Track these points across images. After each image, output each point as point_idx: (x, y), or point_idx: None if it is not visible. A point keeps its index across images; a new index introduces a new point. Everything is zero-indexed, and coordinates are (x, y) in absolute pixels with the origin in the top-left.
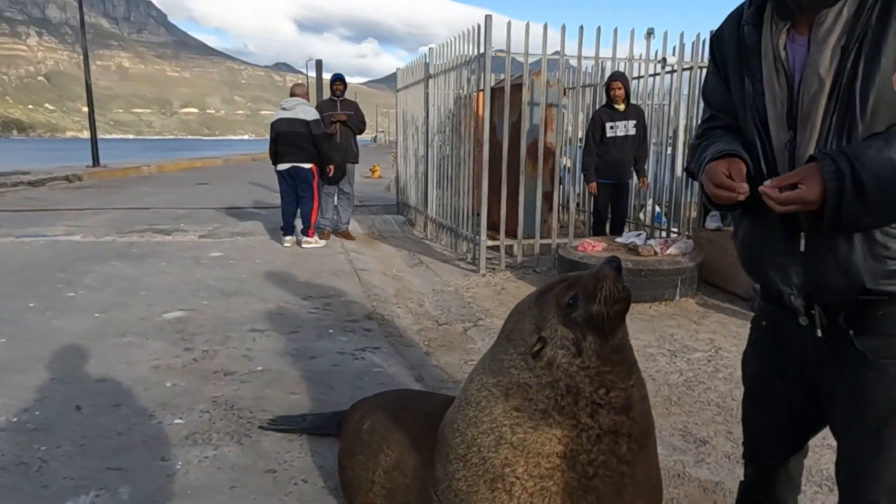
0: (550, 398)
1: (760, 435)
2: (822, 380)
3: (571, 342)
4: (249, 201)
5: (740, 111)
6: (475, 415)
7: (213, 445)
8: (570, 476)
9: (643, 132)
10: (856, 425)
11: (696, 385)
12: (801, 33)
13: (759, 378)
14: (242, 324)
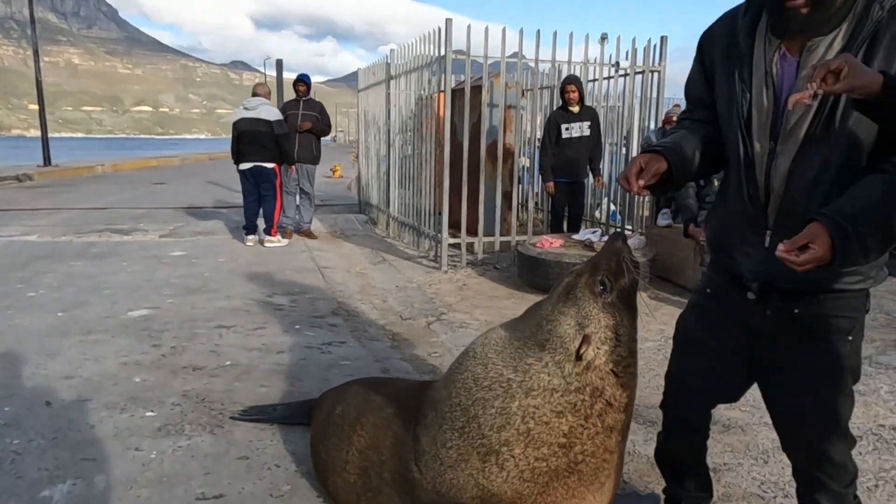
0: (571, 402)
1: (689, 396)
2: (763, 348)
3: (612, 330)
4: (210, 201)
5: (724, 112)
6: (485, 397)
7: (187, 436)
8: (562, 461)
9: (597, 133)
10: (800, 389)
11: (646, 372)
12: (792, 54)
13: (695, 336)
14: (208, 320)
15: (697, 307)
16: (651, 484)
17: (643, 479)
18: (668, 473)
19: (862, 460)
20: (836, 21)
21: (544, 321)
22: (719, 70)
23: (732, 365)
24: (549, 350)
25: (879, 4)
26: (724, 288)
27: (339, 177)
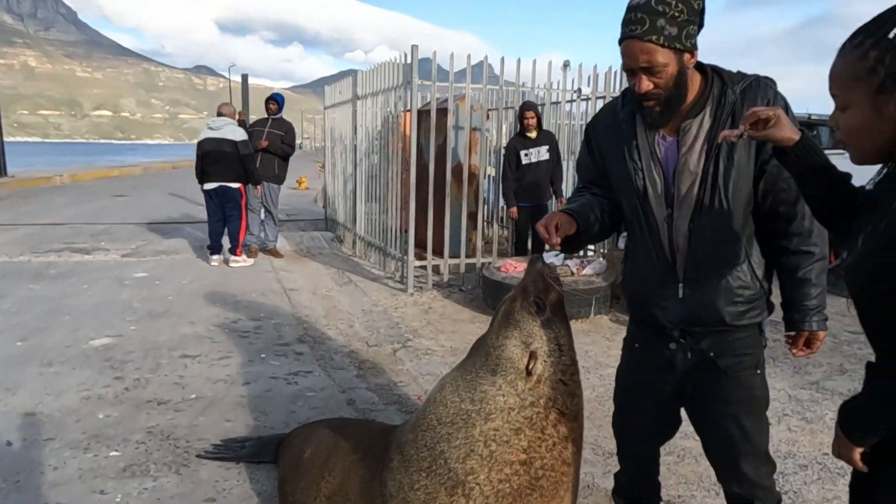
0: (527, 417)
1: (635, 438)
2: (688, 388)
3: (554, 341)
4: (173, 215)
5: (621, 189)
6: (449, 433)
7: (152, 477)
8: (524, 479)
9: (556, 155)
10: (722, 419)
11: (606, 400)
12: (670, 135)
13: (633, 387)
14: (173, 349)
15: (630, 362)
16: None
17: None
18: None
19: (807, 490)
20: (699, 107)
21: (492, 349)
22: (610, 154)
23: (668, 407)
24: (501, 373)
25: (731, 90)
26: (648, 341)
27: (304, 188)
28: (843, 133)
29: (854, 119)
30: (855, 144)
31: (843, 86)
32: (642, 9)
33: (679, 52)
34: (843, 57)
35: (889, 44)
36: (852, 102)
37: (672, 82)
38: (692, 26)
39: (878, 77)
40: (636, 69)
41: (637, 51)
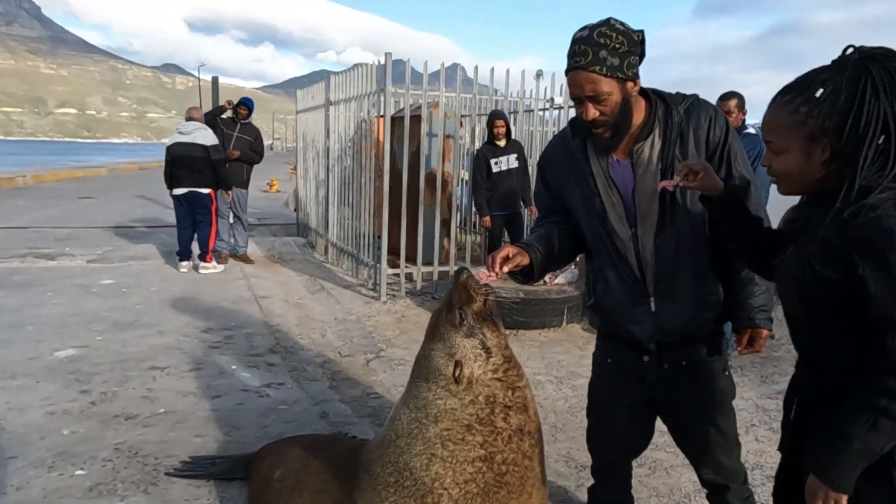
0: (473, 414)
1: (610, 449)
2: (662, 396)
3: (479, 347)
4: (140, 219)
5: (581, 215)
6: (407, 443)
7: (119, 496)
8: (489, 476)
9: (524, 163)
10: (697, 421)
11: (579, 411)
12: (622, 159)
13: (607, 401)
14: (141, 361)
15: (603, 376)
16: None
17: None
18: None
19: None
20: (648, 130)
21: (423, 359)
22: (566, 184)
23: (642, 419)
24: (433, 381)
25: (676, 110)
26: (621, 356)
27: (275, 191)
28: (776, 171)
29: (788, 162)
30: (786, 181)
31: (778, 135)
32: (586, 41)
33: (622, 81)
34: (778, 110)
35: (816, 101)
36: (787, 148)
37: (617, 109)
38: (633, 56)
39: (809, 128)
40: (583, 98)
41: (582, 80)
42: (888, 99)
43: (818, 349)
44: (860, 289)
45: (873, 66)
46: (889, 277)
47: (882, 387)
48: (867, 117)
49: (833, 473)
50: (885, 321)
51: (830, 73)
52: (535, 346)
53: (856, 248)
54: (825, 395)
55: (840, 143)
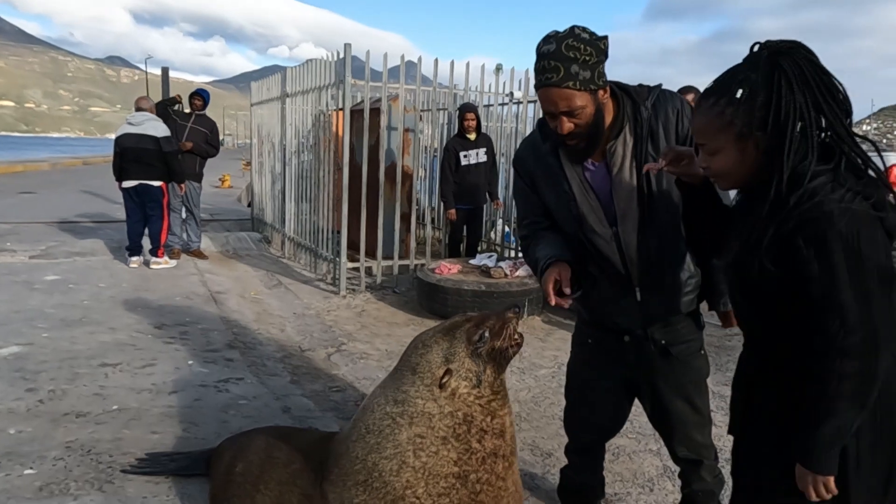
0: (450, 427)
1: (588, 427)
2: (640, 375)
3: (474, 374)
4: (86, 214)
5: (559, 216)
6: (378, 442)
7: (72, 495)
8: (463, 493)
9: (492, 158)
10: (675, 400)
11: (542, 400)
12: (597, 160)
13: (586, 380)
14: (91, 358)
15: (583, 356)
16: None
17: None
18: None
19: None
20: (618, 128)
21: (421, 344)
22: (541, 187)
23: (619, 396)
24: (419, 374)
25: (643, 105)
26: (602, 337)
27: (227, 187)
28: (714, 171)
29: (724, 161)
30: (725, 178)
31: (710, 137)
32: (554, 57)
33: (594, 92)
34: (705, 114)
35: (738, 102)
36: (720, 148)
37: (591, 120)
38: (602, 65)
39: (736, 128)
40: (557, 113)
41: (556, 97)
42: (801, 90)
43: (761, 330)
44: (803, 271)
45: (783, 61)
46: (830, 260)
47: (828, 370)
48: (785, 110)
49: (814, 460)
50: (827, 301)
51: (746, 72)
52: None
53: (799, 232)
54: (767, 372)
55: (766, 136)
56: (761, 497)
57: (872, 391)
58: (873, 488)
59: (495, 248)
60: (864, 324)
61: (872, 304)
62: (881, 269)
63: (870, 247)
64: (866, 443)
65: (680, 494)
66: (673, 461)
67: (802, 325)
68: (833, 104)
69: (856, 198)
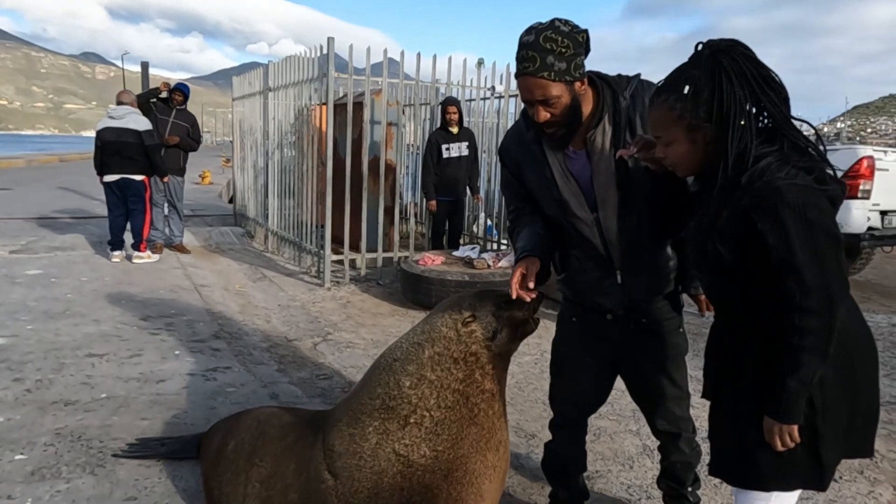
0: (462, 353)
1: (572, 402)
2: (622, 351)
3: (492, 328)
4: (65, 210)
5: (543, 202)
6: (402, 365)
7: (64, 479)
8: (464, 410)
9: (475, 152)
10: (655, 375)
11: (525, 386)
12: (578, 148)
13: (570, 356)
14: (77, 349)
15: (568, 335)
16: (534, 495)
17: (527, 492)
18: (554, 478)
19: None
20: (598, 117)
21: (456, 297)
22: (525, 174)
23: (602, 372)
24: (450, 311)
25: (622, 95)
26: (586, 315)
27: (208, 183)
28: (670, 160)
29: (678, 151)
30: (681, 166)
31: (664, 129)
32: (532, 47)
33: (570, 83)
34: (658, 109)
35: (686, 97)
36: (674, 140)
37: (567, 110)
38: (579, 57)
39: (686, 120)
40: (533, 101)
41: (532, 86)
42: (739, 84)
43: (730, 300)
44: (761, 242)
45: (723, 59)
46: (783, 229)
47: (790, 326)
48: (727, 103)
49: (781, 411)
50: (784, 266)
51: (690, 69)
52: None
53: (752, 208)
54: (739, 337)
55: (712, 127)
56: (745, 454)
57: (831, 343)
58: (837, 433)
59: (478, 240)
60: (819, 283)
61: (825, 265)
62: (829, 234)
63: (817, 214)
64: (830, 393)
65: (658, 471)
66: (653, 434)
67: (766, 291)
68: (771, 94)
69: (799, 173)
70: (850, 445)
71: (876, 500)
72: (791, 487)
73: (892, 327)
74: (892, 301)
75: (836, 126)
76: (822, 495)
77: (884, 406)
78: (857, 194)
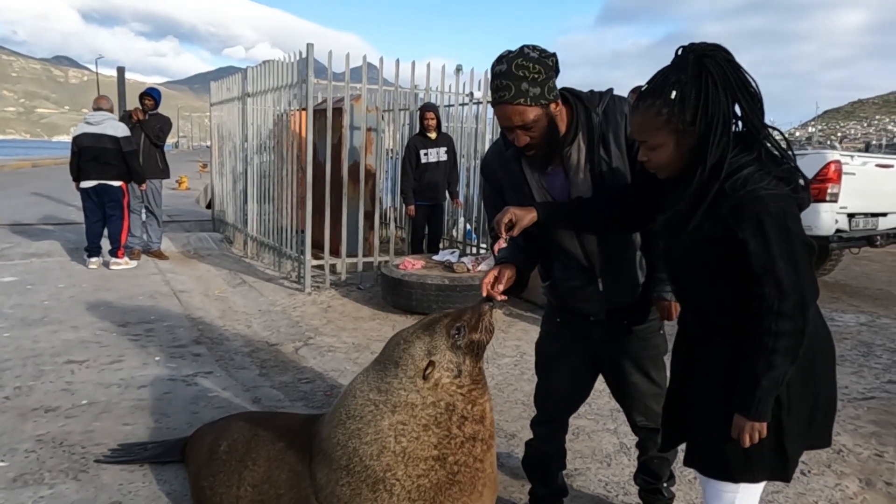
0: (432, 415)
1: (554, 399)
2: (603, 351)
3: (455, 365)
4: (39, 217)
5: None
6: (359, 427)
7: (48, 485)
8: (441, 474)
9: (453, 157)
10: (634, 374)
11: (505, 387)
12: (555, 166)
13: (553, 355)
14: (56, 355)
15: (551, 334)
16: (515, 493)
17: (507, 490)
18: (534, 475)
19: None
20: (573, 134)
21: (403, 341)
22: (506, 190)
23: (584, 370)
24: (402, 367)
25: (595, 112)
26: (570, 317)
27: (185, 189)
28: (654, 164)
29: (664, 154)
30: (663, 169)
31: (650, 134)
32: (506, 76)
33: (545, 106)
34: (644, 114)
35: (673, 102)
36: (660, 144)
37: (545, 131)
38: (551, 80)
39: (673, 125)
40: (512, 127)
41: (510, 113)
42: (723, 89)
43: (701, 299)
44: (741, 248)
45: (709, 63)
46: (765, 237)
47: (766, 329)
48: (712, 108)
49: (751, 409)
50: (764, 273)
51: (676, 74)
52: None
53: (734, 215)
54: (709, 335)
55: (697, 131)
56: (713, 447)
57: (802, 345)
58: (800, 426)
59: (457, 244)
60: (796, 289)
61: (801, 272)
62: (804, 241)
63: (795, 223)
64: (794, 390)
65: (635, 467)
66: (632, 430)
67: (737, 291)
68: (750, 100)
69: (779, 183)
70: (812, 437)
71: (843, 492)
72: (758, 479)
73: (861, 326)
74: (860, 301)
75: (807, 130)
76: (791, 488)
77: (851, 402)
78: (826, 198)
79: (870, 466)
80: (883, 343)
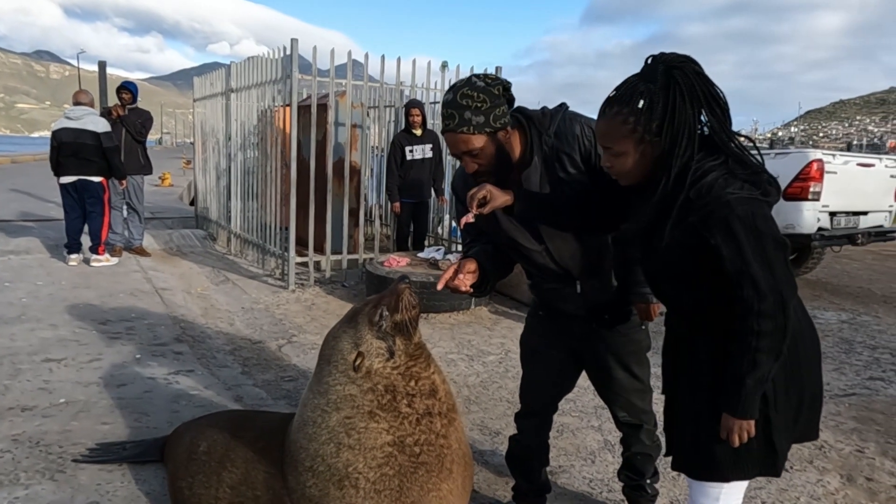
0: (373, 401)
1: (538, 392)
2: (585, 345)
3: (385, 349)
4: (16, 213)
5: (494, 238)
6: (313, 431)
7: (23, 485)
8: (402, 458)
9: (439, 154)
10: (616, 369)
11: (490, 385)
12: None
13: (537, 349)
14: (33, 354)
15: (535, 328)
16: (498, 491)
17: (491, 487)
18: (517, 470)
19: None
20: (529, 157)
21: (331, 338)
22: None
23: (566, 364)
24: (334, 364)
25: (547, 134)
26: (552, 311)
27: (168, 185)
28: (617, 171)
29: (627, 162)
30: (625, 176)
31: (615, 141)
32: (451, 105)
33: (491, 133)
34: (610, 121)
35: (640, 111)
36: (624, 152)
37: (493, 158)
38: (499, 108)
39: (639, 133)
40: (460, 154)
41: (455, 141)
42: (690, 101)
43: (685, 302)
44: (715, 253)
45: (677, 74)
46: (736, 240)
47: (748, 329)
48: (679, 119)
49: (738, 408)
50: (738, 275)
51: (645, 83)
52: (445, 328)
53: (703, 223)
54: (694, 336)
55: (662, 142)
56: (703, 448)
57: (785, 342)
58: (787, 421)
59: (442, 242)
60: (773, 289)
61: (775, 270)
62: (776, 240)
63: (765, 224)
64: (780, 387)
65: (619, 465)
66: (616, 426)
67: (716, 295)
68: (718, 110)
69: (745, 186)
70: (799, 430)
71: (824, 487)
72: (749, 476)
73: (842, 323)
74: (842, 298)
75: (790, 130)
76: (774, 484)
77: (832, 398)
78: (808, 196)
79: (851, 462)
80: (863, 340)
